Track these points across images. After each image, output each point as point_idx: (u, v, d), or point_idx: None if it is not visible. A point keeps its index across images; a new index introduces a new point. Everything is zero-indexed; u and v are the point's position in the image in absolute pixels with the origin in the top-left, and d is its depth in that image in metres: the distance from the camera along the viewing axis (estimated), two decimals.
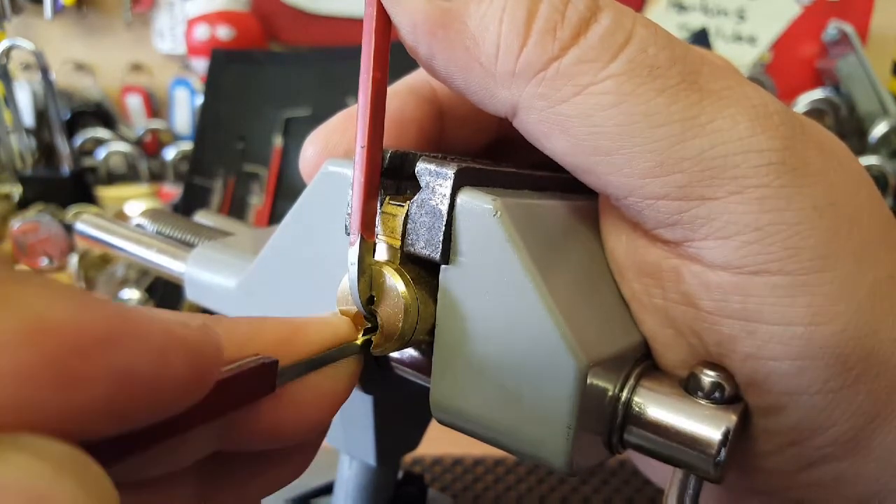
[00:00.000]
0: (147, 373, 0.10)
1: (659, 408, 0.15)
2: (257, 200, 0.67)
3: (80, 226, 0.27)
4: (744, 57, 0.84)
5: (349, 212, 0.16)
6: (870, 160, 0.69)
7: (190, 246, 0.25)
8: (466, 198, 0.15)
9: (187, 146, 0.81)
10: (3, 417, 0.08)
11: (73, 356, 0.09)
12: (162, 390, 0.10)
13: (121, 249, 0.25)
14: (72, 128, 0.83)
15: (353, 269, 0.16)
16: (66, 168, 0.76)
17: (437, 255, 0.16)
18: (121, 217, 0.69)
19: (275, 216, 0.66)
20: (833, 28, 0.82)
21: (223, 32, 0.79)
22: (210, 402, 0.11)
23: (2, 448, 0.08)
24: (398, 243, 0.16)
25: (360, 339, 0.16)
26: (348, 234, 0.16)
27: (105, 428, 0.09)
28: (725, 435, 0.15)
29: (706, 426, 0.15)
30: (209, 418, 0.12)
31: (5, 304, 0.08)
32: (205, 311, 0.22)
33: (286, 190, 0.67)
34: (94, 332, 0.09)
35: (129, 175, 0.83)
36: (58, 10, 0.81)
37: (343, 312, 0.17)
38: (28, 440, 0.08)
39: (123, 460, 0.10)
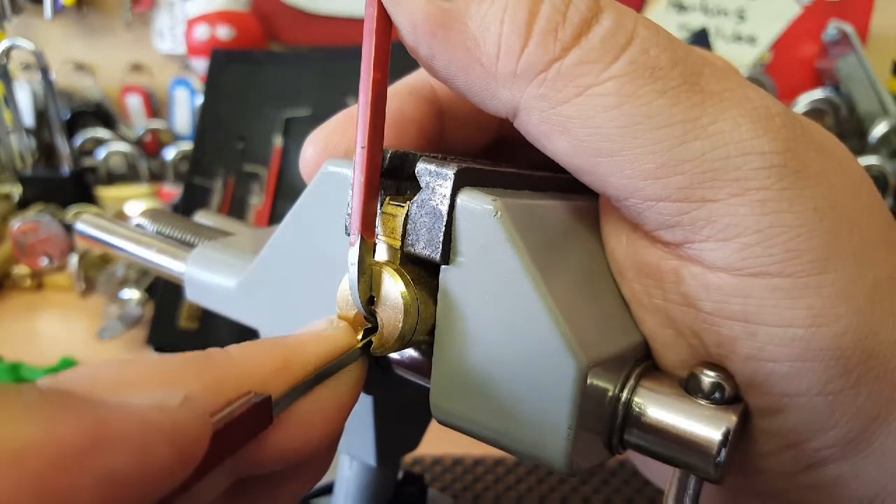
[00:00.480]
0: (131, 470, 0.10)
1: (659, 408, 0.15)
2: (257, 200, 0.67)
3: (80, 226, 0.27)
4: (744, 57, 0.84)
5: (349, 212, 0.16)
6: (870, 160, 0.69)
7: (190, 246, 0.25)
8: (466, 198, 0.15)
9: (187, 146, 0.81)
10: None
11: (52, 473, 0.09)
12: (149, 480, 0.10)
13: (121, 249, 0.25)
14: (72, 128, 0.83)
15: (353, 269, 0.16)
16: (66, 168, 0.76)
17: (437, 256, 0.16)
18: (121, 217, 0.69)
19: (275, 216, 0.66)
20: (833, 28, 0.82)
21: (223, 32, 0.79)
22: (210, 453, 0.11)
23: None
24: (398, 244, 0.16)
25: (360, 340, 0.16)
26: (348, 235, 0.16)
27: None
28: (725, 435, 0.15)
29: (706, 426, 0.15)
30: (211, 468, 0.12)
31: None
32: (205, 310, 0.22)
33: (286, 190, 0.67)
34: (71, 445, 0.09)
35: (129, 175, 0.83)
36: (58, 10, 0.81)
37: (342, 315, 0.17)
38: None
39: None
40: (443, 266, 0.16)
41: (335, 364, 0.15)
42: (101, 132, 0.84)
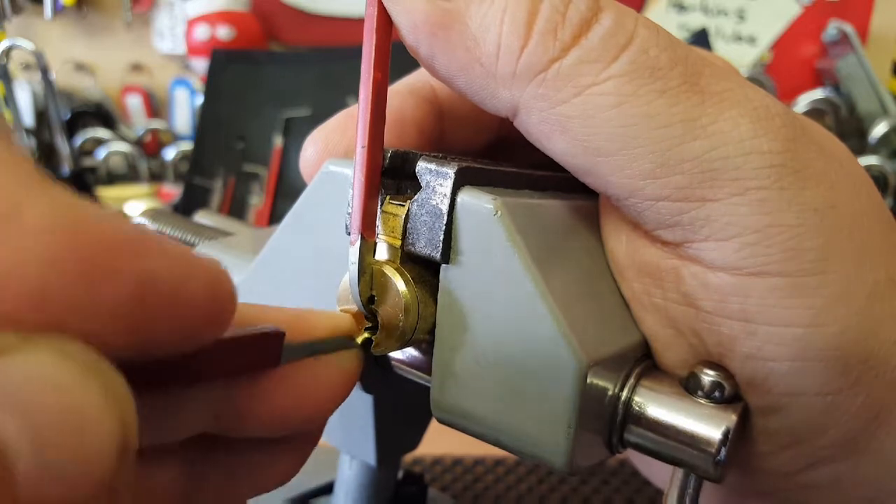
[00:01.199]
0: (170, 283, 0.10)
1: (659, 407, 0.15)
2: (257, 200, 0.67)
3: None
4: (744, 57, 0.84)
5: (350, 211, 0.16)
6: (870, 160, 0.69)
7: (190, 246, 0.25)
8: (467, 197, 0.15)
9: (187, 146, 0.81)
10: (26, 309, 0.08)
11: (102, 251, 0.09)
12: (182, 310, 0.10)
13: None
14: (72, 128, 0.84)
15: (354, 268, 0.16)
16: (66, 168, 0.76)
17: (437, 255, 0.16)
18: None
19: (275, 216, 0.66)
20: (833, 28, 0.82)
21: (223, 32, 0.79)
22: (217, 357, 0.11)
23: (33, 346, 0.08)
24: (399, 243, 0.16)
25: (360, 338, 0.16)
26: (349, 234, 0.16)
27: (124, 341, 0.09)
28: (725, 434, 0.15)
29: (706, 425, 0.15)
30: (215, 375, 0.12)
31: (42, 191, 0.08)
32: None
33: (286, 190, 0.67)
34: (125, 235, 0.09)
35: (129, 175, 0.83)
36: (58, 10, 0.81)
37: (344, 311, 0.17)
38: (57, 342, 0.08)
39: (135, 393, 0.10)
40: (443, 265, 0.16)
41: (337, 341, 0.15)
42: (101, 132, 0.84)
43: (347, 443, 0.23)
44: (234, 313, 0.11)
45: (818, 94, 0.78)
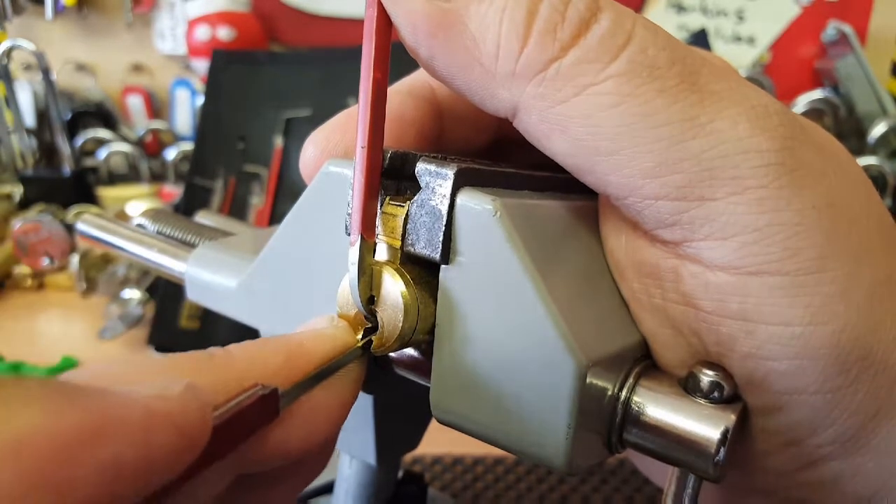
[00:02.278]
0: (133, 458, 0.09)
1: (658, 407, 0.16)
2: (258, 200, 0.67)
3: (81, 226, 0.27)
4: (743, 57, 0.84)
5: (349, 212, 0.16)
6: (869, 160, 0.69)
7: (191, 246, 0.25)
8: (466, 198, 0.15)
9: (188, 146, 0.81)
10: None
11: (54, 465, 0.09)
12: (152, 468, 0.10)
13: (122, 249, 0.26)
14: (73, 128, 0.84)
15: (354, 269, 0.16)
16: (67, 168, 0.76)
17: (436, 255, 0.16)
18: (122, 217, 0.69)
19: (275, 216, 0.66)
20: (832, 28, 0.82)
21: (224, 33, 0.79)
22: (213, 446, 0.11)
23: None
24: (398, 243, 0.16)
25: (360, 340, 0.16)
26: (349, 235, 0.16)
27: None
28: (724, 434, 0.15)
29: (705, 425, 0.15)
30: (214, 461, 0.12)
31: None
32: (206, 310, 0.22)
33: (287, 190, 0.67)
34: (73, 435, 0.09)
35: (129, 175, 0.83)
36: (59, 10, 0.81)
37: (342, 315, 0.17)
38: None
39: None
40: (443, 266, 0.16)
41: (336, 362, 0.15)
42: (101, 132, 0.84)
43: (347, 442, 0.23)
44: (208, 430, 0.11)
45: (817, 94, 0.78)
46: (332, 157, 0.19)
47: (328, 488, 0.28)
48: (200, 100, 0.81)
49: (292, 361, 0.14)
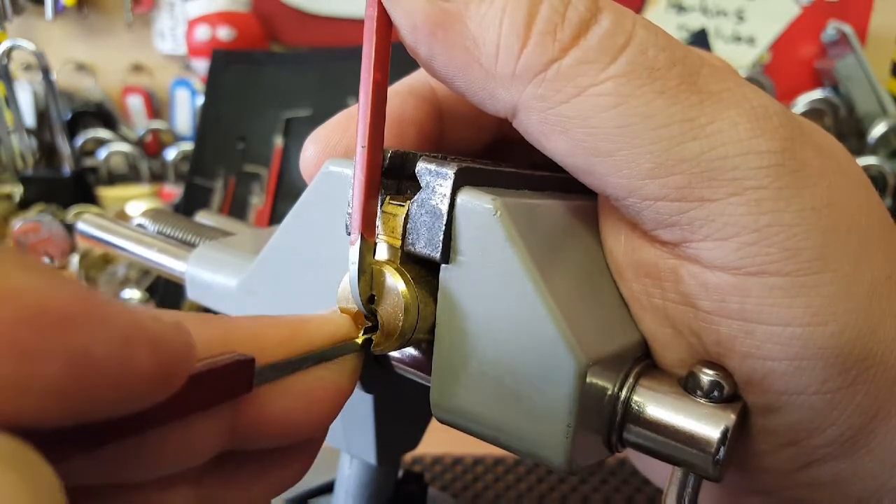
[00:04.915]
0: (107, 358, 0.09)
1: (658, 406, 0.16)
2: (258, 200, 0.67)
3: (81, 226, 0.27)
4: (743, 57, 0.84)
5: (350, 211, 0.16)
6: (868, 160, 0.69)
7: (191, 246, 0.25)
8: (466, 197, 0.15)
9: (188, 146, 0.81)
10: None
11: (28, 327, 0.08)
12: (123, 381, 0.10)
13: (122, 249, 0.26)
14: (73, 128, 0.84)
15: (354, 268, 0.16)
16: (67, 168, 0.76)
17: (437, 255, 0.16)
18: (122, 217, 0.69)
19: (275, 216, 0.66)
20: (832, 28, 0.82)
21: (224, 33, 0.79)
22: (182, 397, 0.11)
23: None
24: (398, 243, 0.16)
25: (360, 338, 0.16)
26: (349, 234, 0.16)
27: (58, 415, 0.09)
28: (724, 433, 0.15)
29: (705, 425, 0.15)
30: (180, 414, 0.12)
31: None
32: (206, 310, 0.22)
33: (287, 190, 0.67)
34: (55, 307, 0.09)
35: (130, 175, 0.83)
36: (59, 10, 0.81)
37: (343, 312, 0.17)
38: None
39: (81, 455, 0.10)
40: (443, 265, 0.16)
41: (334, 349, 0.15)
42: (101, 132, 0.84)
43: (348, 442, 0.23)
44: (187, 372, 0.11)
45: (817, 94, 0.78)
46: (333, 157, 0.19)
47: (328, 488, 0.28)
48: (200, 100, 0.81)
49: (294, 338, 0.14)
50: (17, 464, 0.08)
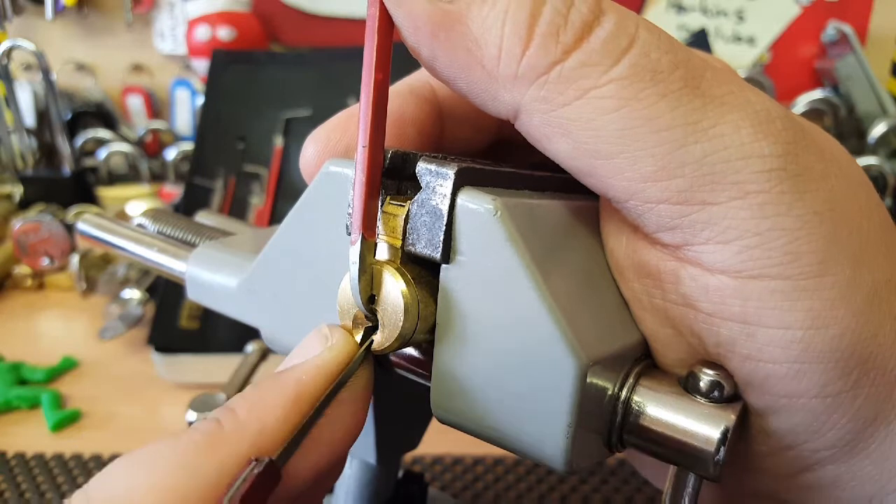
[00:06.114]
0: None
1: (658, 407, 0.16)
2: (258, 200, 0.67)
3: (81, 226, 0.27)
4: (743, 57, 0.84)
5: (350, 211, 0.16)
6: (869, 160, 0.69)
7: (191, 246, 0.25)
8: (467, 197, 0.15)
9: (188, 146, 0.81)
10: None
11: None
12: None
13: (122, 249, 0.26)
14: (73, 128, 0.83)
15: (354, 268, 0.16)
16: (67, 168, 0.76)
17: (437, 255, 0.16)
18: (122, 217, 0.69)
19: (275, 216, 0.66)
20: (832, 28, 0.82)
21: (224, 33, 0.79)
22: None
23: None
24: (399, 243, 0.16)
25: (360, 339, 0.16)
26: (349, 234, 0.16)
27: None
28: (724, 434, 0.15)
29: (705, 425, 0.15)
30: None
31: None
32: (206, 310, 0.22)
33: (287, 190, 0.67)
34: None
35: (130, 175, 0.83)
36: (59, 10, 0.81)
37: (341, 315, 0.17)
38: None
39: None
40: (443, 265, 0.16)
41: (339, 381, 0.15)
42: (102, 132, 0.84)
43: None
44: None
45: (817, 94, 0.78)
46: (333, 157, 0.19)
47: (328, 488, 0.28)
48: (200, 100, 0.81)
49: (297, 403, 0.15)
50: None
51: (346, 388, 0.15)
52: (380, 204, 0.16)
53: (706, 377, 0.15)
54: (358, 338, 0.16)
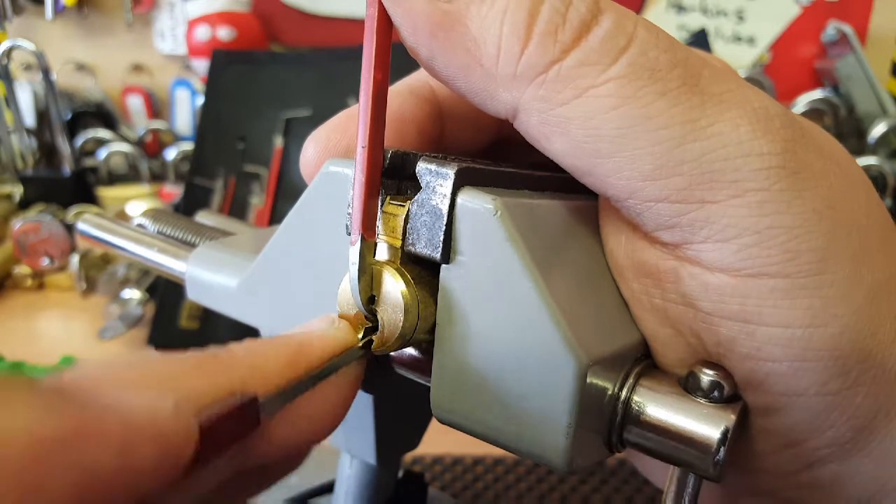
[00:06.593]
0: (111, 468, 0.10)
1: (658, 406, 0.16)
2: (258, 200, 0.67)
3: (81, 226, 0.27)
4: (743, 57, 0.84)
5: (350, 211, 0.16)
6: (869, 160, 0.69)
7: (191, 246, 0.25)
8: (467, 197, 0.15)
9: (188, 146, 0.81)
10: None
11: (29, 467, 0.09)
12: (131, 478, 0.10)
13: (122, 249, 0.26)
14: (73, 128, 0.84)
15: (354, 268, 0.16)
16: (67, 168, 0.76)
17: (437, 255, 0.16)
18: (122, 217, 0.69)
19: (275, 216, 0.66)
20: (832, 28, 0.82)
21: (224, 33, 0.79)
22: (197, 455, 0.11)
23: None
24: (399, 243, 0.16)
25: (360, 340, 0.16)
26: (349, 234, 0.16)
27: None
28: (724, 434, 0.15)
29: (705, 425, 0.15)
30: (195, 467, 0.12)
31: None
32: (206, 310, 0.22)
33: (287, 190, 0.67)
34: (49, 439, 0.09)
35: (130, 175, 0.83)
36: (59, 10, 0.81)
37: (342, 315, 0.17)
38: None
39: None
40: (443, 265, 0.16)
41: (336, 362, 0.15)
42: (102, 132, 0.84)
43: (348, 442, 0.23)
44: (193, 450, 0.11)
45: (817, 94, 0.78)
46: (333, 157, 0.19)
47: (328, 488, 0.28)
48: (200, 100, 0.81)
49: (294, 362, 0.14)
50: None
51: (340, 374, 0.15)
52: (380, 204, 0.16)
53: (706, 377, 0.15)
54: (358, 338, 0.16)
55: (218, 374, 0.13)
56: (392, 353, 0.18)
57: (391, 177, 0.17)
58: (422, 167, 0.16)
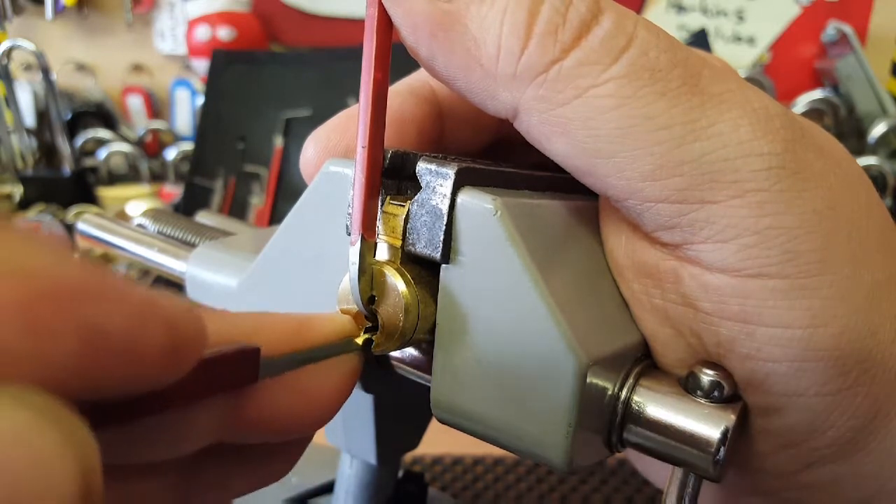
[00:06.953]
0: (120, 334, 0.09)
1: (658, 406, 0.16)
2: (258, 200, 0.67)
3: (81, 226, 0.27)
4: (743, 57, 0.84)
5: (350, 211, 0.16)
6: (869, 160, 0.69)
7: (191, 246, 0.25)
8: (467, 197, 0.15)
9: (188, 146, 0.81)
10: None
11: (43, 304, 0.08)
12: (136, 358, 0.10)
13: (122, 249, 0.26)
14: (73, 128, 0.84)
15: (354, 268, 0.16)
16: (67, 168, 0.76)
17: (437, 255, 0.16)
18: (122, 217, 0.69)
19: (275, 216, 0.66)
20: (832, 28, 0.82)
21: (224, 33, 0.79)
22: (188, 382, 0.11)
23: None
24: (399, 243, 0.16)
25: (361, 339, 0.16)
26: (349, 234, 0.16)
27: (77, 388, 0.09)
28: (724, 434, 0.15)
29: (705, 425, 0.15)
30: (185, 399, 0.12)
31: None
32: None
33: (287, 190, 0.67)
34: (69, 284, 0.09)
35: (130, 175, 0.83)
36: (59, 10, 0.81)
37: (344, 312, 0.17)
38: (11, 389, 0.08)
39: (97, 431, 0.10)
40: (443, 265, 0.16)
41: (338, 346, 0.15)
42: (102, 132, 0.84)
43: (348, 442, 0.23)
44: (199, 354, 0.11)
45: (817, 94, 0.78)
46: (333, 157, 0.19)
47: (328, 488, 0.28)
48: (200, 100, 0.81)
49: (297, 333, 0.14)
50: (54, 417, 0.08)
51: (338, 361, 0.15)
52: (380, 204, 0.16)
53: (706, 377, 0.15)
54: (360, 334, 0.16)
55: (225, 321, 0.13)
56: (392, 353, 0.18)
57: (391, 177, 0.17)
58: (422, 167, 0.16)
